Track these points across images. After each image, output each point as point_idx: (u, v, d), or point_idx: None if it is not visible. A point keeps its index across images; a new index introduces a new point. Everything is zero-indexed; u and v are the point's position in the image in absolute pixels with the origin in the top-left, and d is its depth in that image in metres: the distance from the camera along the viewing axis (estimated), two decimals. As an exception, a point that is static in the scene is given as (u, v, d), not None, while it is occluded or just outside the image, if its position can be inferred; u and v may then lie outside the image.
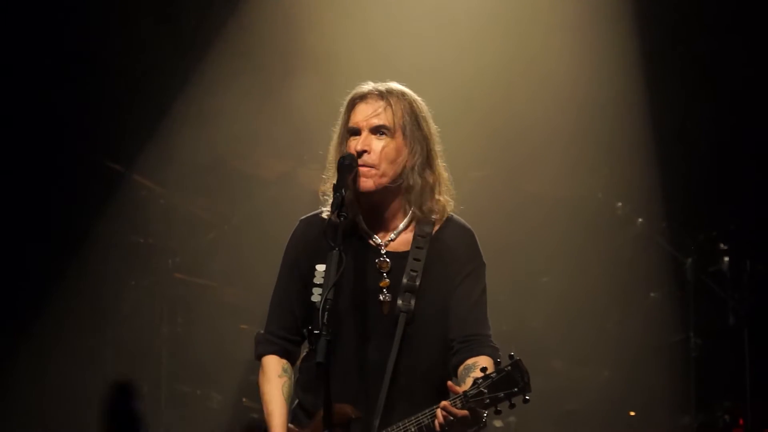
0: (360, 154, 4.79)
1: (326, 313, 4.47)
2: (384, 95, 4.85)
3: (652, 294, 9.39)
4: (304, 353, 5.00)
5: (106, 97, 9.26)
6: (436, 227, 4.91)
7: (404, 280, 4.81)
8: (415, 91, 5.00)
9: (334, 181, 4.79)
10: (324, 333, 4.44)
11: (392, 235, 4.89)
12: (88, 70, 9.21)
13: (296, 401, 4.97)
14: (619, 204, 9.24)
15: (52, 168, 9.16)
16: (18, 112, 9.07)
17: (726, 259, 8.98)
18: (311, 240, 4.92)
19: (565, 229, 9.32)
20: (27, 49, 9.09)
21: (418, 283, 4.81)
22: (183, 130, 9.31)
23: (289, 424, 4.90)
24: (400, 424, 4.68)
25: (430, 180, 4.90)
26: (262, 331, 5.02)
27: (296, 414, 4.94)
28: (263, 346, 4.99)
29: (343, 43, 8.99)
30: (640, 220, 9.23)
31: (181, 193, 9.26)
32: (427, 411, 4.65)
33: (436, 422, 4.60)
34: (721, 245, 9.01)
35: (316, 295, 4.83)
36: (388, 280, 4.84)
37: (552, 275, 9.37)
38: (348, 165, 4.75)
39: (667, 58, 9.41)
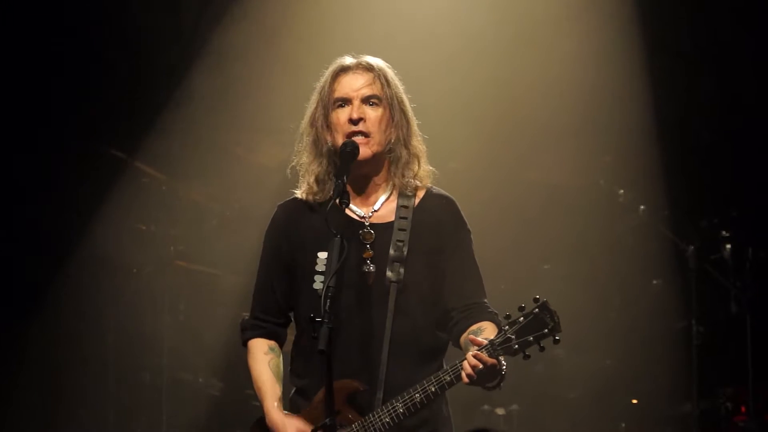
0: (356, 122, 4.81)
1: (329, 300, 4.48)
2: (372, 67, 4.90)
3: (654, 282, 9.39)
4: (294, 339, 5.01)
5: (108, 84, 9.26)
6: (419, 197, 4.93)
7: (391, 251, 4.82)
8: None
9: (306, 157, 4.91)
10: (326, 320, 4.45)
11: (376, 206, 4.91)
12: (90, 57, 9.21)
13: (293, 390, 4.96)
14: (621, 191, 9.23)
15: (55, 156, 9.16)
16: (21, 100, 9.06)
17: (728, 246, 8.98)
18: (290, 224, 4.96)
19: (567, 216, 9.32)
20: (30, 36, 9.08)
21: (405, 253, 4.81)
22: (185, 117, 9.31)
23: (286, 412, 4.90)
24: (418, 386, 4.66)
25: (414, 152, 4.92)
26: (246, 317, 5.05)
27: (294, 401, 4.94)
28: (249, 331, 5.02)
29: (346, 31, 8.98)
30: (642, 207, 9.22)
31: (183, 181, 9.26)
32: (448, 368, 4.63)
33: (464, 374, 4.55)
34: (723, 233, 9.01)
35: (318, 283, 4.82)
36: (371, 251, 4.84)
37: (553, 263, 9.38)
38: (350, 152, 4.76)
39: (670, 45, 9.39)
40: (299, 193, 4.97)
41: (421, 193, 4.93)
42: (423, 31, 9.15)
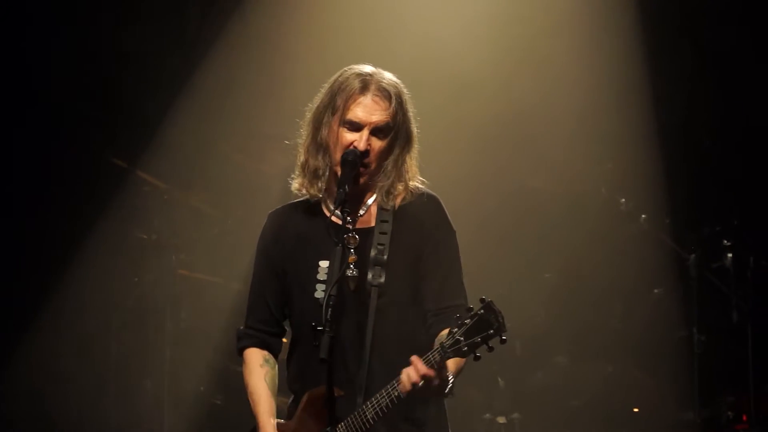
0: (362, 153, 4.79)
1: (330, 309, 4.48)
2: (391, 95, 4.82)
3: (655, 290, 9.39)
4: (289, 346, 5.01)
5: (109, 93, 9.27)
6: (399, 199, 4.89)
7: (372, 254, 4.80)
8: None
9: (304, 151, 4.90)
10: (327, 329, 4.45)
11: (360, 212, 4.89)
12: (91, 66, 9.22)
13: (291, 397, 4.96)
14: (623, 200, 9.23)
15: (56, 164, 9.17)
16: (22, 109, 9.08)
17: (729, 255, 8.97)
18: (281, 232, 4.97)
19: (568, 224, 9.32)
20: (31, 45, 9.09)
21: (386, 257, 4.80)
22: (186, 125, 9.32)
23: (280, 420, 4.90)
24: (373, 400, 4.64)
25: (402, 171, 4.89)
26: (242, 327, 5.05)
27: (290, 411, 4.93)
28: (243, 340, 5.04)
29: (347, 37, 9.00)
30: (643, 216, 9.23)
31: (185, 189, 9.26)
32: (395, 381, 4.60)
33: (399, 387, 4.55)
34: (725, 241, 9.00)
35: (320, 291, 4.82)
36: (355, 256, 4.82)
37: (555, 271, 9.37)
38: (352, 161, 4.75)
39: (672, 52, 9.40)
40: (293, 186, 4.96)
41: (402, 195, 4.89)
42: (424, 39, 9.16)
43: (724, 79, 9.36)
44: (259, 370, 4.98)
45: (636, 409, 9.19)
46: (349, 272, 4.79)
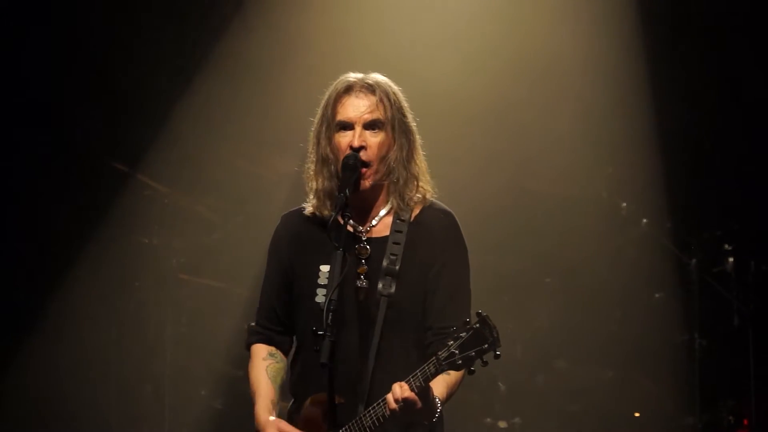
0: (357, 150, 4.79)
1: (330, 314, 4.48)
2: (375, 89, 4.84)
3: (656, 294, 9.38)
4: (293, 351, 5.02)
5: (110, 97, 9.27)
6: (416, 211, 4.90)
7: (384, 264, 4.81)
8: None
9: (312, 172, 4.87)
10: (328, 334, 4.45)
11: (373, 222, 4.89)
12: (92, 69, 9.22)
13: (291, 402, 4.96)
14: (624, 204, 9.23)
15: (57, 168, 9.17)
16: (23, 112, 9.08)
17: (730, 259, 8.96)
18: (292, 234, 4.97)
19: (569, 228, 9.32)
20: (32, 48, 9.09)
21: (398, 267, 4.80)
22: (187, 129, 9.32)
23: (274, 416, 4.90)
24: (371, 409, 4.64)
25: (413, 171, 4.89)
26: (252, 324, 5.07)
27: (290, 412, 4.93)
28: (251, 337, 5.05)
29: (350, 42, 9.00)
30: (644, 220, 9.23)
31: (186, 193, 9.26)
32: (381, 401, 4.61)
33: (387, 408, 4.56)
34: (726, 246, 9.00)
35: (320, 296, 4.83)
36: (366, 266, 4.83)
37: (556, 275, 9.37)
38: (353, 165, 4.75)
39: (672, 56, 9.39)
40: (306, 208, 4.96)
41: (419, 208, 4.90)
42: (424, 42, 9.16)
43: (725, 83, 9.35)
44: (261, 362, 4.98)
45: (637, 414, 9.19)
46: (359, 283, 4.81)
